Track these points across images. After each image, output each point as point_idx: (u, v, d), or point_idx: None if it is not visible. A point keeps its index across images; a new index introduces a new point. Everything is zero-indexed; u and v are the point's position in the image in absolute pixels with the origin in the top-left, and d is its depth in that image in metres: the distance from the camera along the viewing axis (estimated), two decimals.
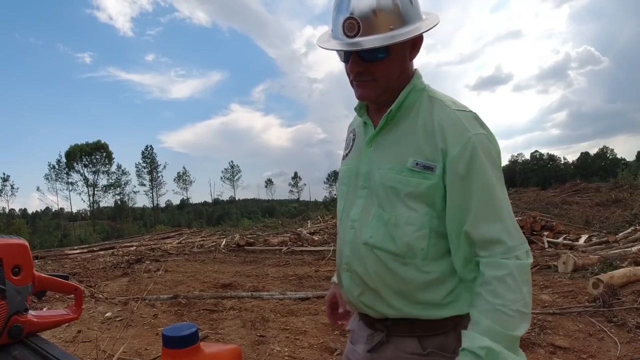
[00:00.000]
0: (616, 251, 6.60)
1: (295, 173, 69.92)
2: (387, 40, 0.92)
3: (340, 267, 1.11)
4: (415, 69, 1.06)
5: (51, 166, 46.64)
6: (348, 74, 1.03)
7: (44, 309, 2.53)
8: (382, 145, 1.04)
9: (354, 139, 1.17)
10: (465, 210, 0.93)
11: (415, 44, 1.01)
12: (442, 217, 0.96)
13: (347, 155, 1.18)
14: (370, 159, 1.05)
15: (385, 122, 1.03)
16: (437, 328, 0.99)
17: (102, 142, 48.38)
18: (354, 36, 0.93)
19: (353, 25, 0.92)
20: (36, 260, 9.94)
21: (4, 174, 45.04)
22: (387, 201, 0.99)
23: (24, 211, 56.63)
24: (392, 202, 0.98)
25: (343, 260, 1.08)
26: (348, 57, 0.98)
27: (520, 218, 9.18)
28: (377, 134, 1.05)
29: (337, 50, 0.99)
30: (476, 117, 0.98)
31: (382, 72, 0.98)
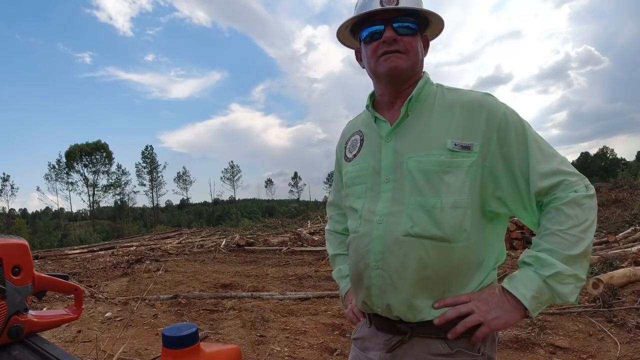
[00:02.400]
0: (616, 251, 6.59)
1: (295, 173, 70.08)
2: (424, 7, 1.06)
3: (365, 269, 1.06)
4: (424, 71, 1.14)
5: (51, 166, 46.75)
6: (374, 52, 1.07)
7: (44, 309, 2.53)
8: (408, 135, 1.06)
9: (361, 140, 1.17)
10: (524, 166, 0.99)
11: (425, 45, 1.14)
12: (481, 197, 1.01)
13: (355, 156, 1.17)
14: (396, 150, 1.06)
15: (406, 110, 1.06)
16: None
17: (102, 142, 48.46)
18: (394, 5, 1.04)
19: None
20: (36, 260, 9.94)
21: (4, 173, 45.18)
22: (428, 187, 0.99)
23: (24, 211, 56.87)
24: (435, 187, 0.99)
25: (371, 259, 1.04)
26: (380, 34, 1.05)
27: None
28: (399, 124, 1.07)
29: (377, 10, 1.04)
30: (494, 97, 1.07)
31: (412, 46, 1.07)
